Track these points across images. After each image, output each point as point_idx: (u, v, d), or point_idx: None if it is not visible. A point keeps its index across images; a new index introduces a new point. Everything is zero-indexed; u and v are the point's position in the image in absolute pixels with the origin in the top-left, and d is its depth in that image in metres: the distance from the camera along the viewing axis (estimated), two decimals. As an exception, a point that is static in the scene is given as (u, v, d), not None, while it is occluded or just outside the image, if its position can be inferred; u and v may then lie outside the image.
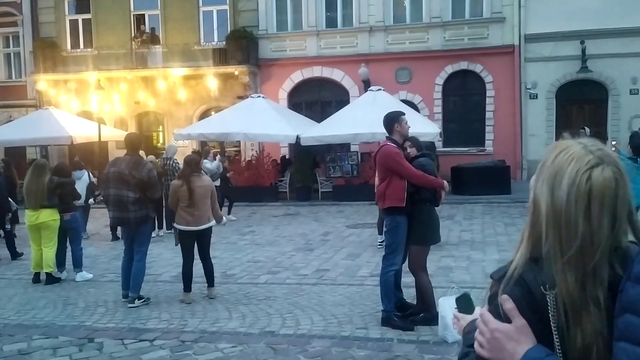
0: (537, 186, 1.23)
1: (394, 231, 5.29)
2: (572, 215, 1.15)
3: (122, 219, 6.37)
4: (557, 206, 1.18)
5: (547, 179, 1.21)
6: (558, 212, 1.17)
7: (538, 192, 1.22)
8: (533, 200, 1.24)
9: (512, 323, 1.16)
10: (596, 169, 1.16)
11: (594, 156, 1.18)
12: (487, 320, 1.20)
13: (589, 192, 1.15)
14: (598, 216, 1.15)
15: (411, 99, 18.05)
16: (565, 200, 1.16)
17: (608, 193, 1.15)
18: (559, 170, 1.19)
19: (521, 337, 1.15)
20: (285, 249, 9.43)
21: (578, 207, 1.15)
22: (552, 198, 1.19)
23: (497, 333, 1.17)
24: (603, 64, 16.83)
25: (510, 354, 1.14)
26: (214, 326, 5.55)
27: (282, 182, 16.94)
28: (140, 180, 6.22)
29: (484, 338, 1.20)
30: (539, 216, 1.21)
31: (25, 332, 5.55)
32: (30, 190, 7.47)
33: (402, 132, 5.41)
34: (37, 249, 7.61)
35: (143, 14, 20.44)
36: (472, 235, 10.15)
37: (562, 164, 1.20)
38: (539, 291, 1.16)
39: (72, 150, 19.56)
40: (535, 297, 1.16)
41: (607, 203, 1.15)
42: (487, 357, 1.19)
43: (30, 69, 20.66)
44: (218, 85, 19.02)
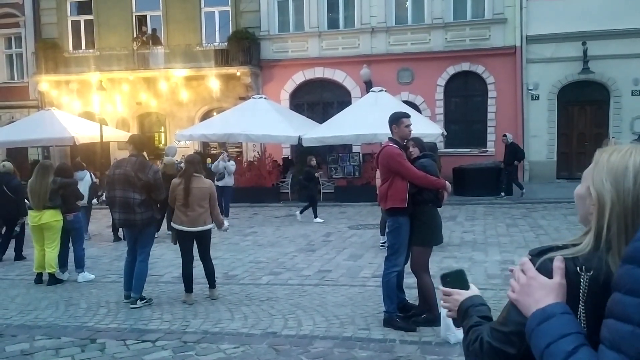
0: (597, 184, 1.27)
1: (396, 232, 5.29)
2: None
3: (129, 220, 6.34)
4: (622, 194, 1.23)
5: (608, 175, 1.26)
6: (625, 200, 1.23)
7: (600, 189, 1.26)
8: (597, 198, 1.27)
9: (554, 279, 1.22)
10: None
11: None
12: (528, 269, 1.27)
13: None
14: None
15: (413, 100, 18.05)
16: (632, 188, 1.22)
17: None
18: (619, 166, 1.25)
19: (553, 292, 1.22)
20: (287, 250, 9.43)
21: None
22: (618, 190, 1.24)
23: (534, 281, 1.24)
24: (605, 65, 16.82)
25: (536, 301, 1.22)
26: (216, 327, 5.55)
27: (284, 183, 16.95)
28: (146, 182, 6.22)
29: (518, 283, 1.28)
30: (604, 211, 1.25)
31: (27, 332, 5.55)
32: (34, 191, 7.48)
33: (400, 134, 5.40)
34: (40, 249, 7.62)
35: (145, 14, 20.49)
36: (474, 236, 10.14)
37: (620, 160, 1.26)
38: (573, 270, 1.23)
39: (74, 151, 19.60)
40: (569, 274, 1.23)
41: None
42: (514, 298, 1.27)
43: (33, 70, 20.71)
44: (220, 86, 19.04)
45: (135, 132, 18.19)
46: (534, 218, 11.85)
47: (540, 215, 12.07)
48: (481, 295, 1.52)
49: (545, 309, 1.19)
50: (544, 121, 17.61)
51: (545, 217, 11.78)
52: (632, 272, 1.09)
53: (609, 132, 16.75)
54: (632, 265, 1.09)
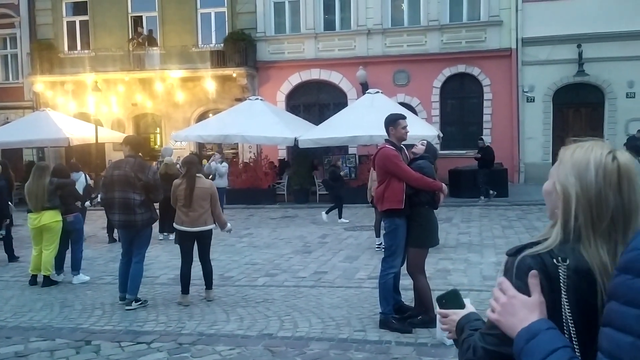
0: (562, 179, 1.33)
1: (393, 234, 5.29)
2: (603, 193, 1.27)
3: (129, 221, 6.31)
4: (586, 187, 1.28)
5: (572, 170, 1.31)
6: (588, 193, 1.28)
7: (565, 183, 1.32)
8: (562, 191, 1.33)
9: (532, 296, 1.25)
10: (617, 152, 1.32)
11: (607, 144, 1.34)
12: (507, 288, 1.29)
13: (618, 169, 1.27)
14: (628, 190, 1.27)
15: (409, 102, 18.08)
16: (595, 181, 1.28)
17: (632, 170, 1.29)
18: (582, 160, 1.31)
19: (536, 309, 1.24)
20: (283, 252, 9.42)
21: (608, 183, 1.27)
22: (582, 183, 1.29)
23: (514, 300, 1.26)
24: (600, 68, 16.89)
25: (520, 320, 1.24)
26: (212, 329, 5.54)
27: (280, 185, 16.94)
28: (146, 182, 6.23)
29: (498, 303, 1.29)
30: (569, 204, 1.30)
31: (22, 334, 5.52)
32: (31, 192, 7.45)
33: (397, 136, 5.41)
34: (38, 251, 7.58)
35: (141, 15, 20.44)
36: (470, 237, 10.16)
37: (583, 155, 1.32)
38: (551, 262, 1.27)
39: (69, 152, 19.53)
40: (548, 267, 1.27)
41: (633, 179, 1.29)
42: (496, 319, 1.29)
43: (28, 71, 20.63)
44: (216, 88, 19.01)
45: (130, 133, 18.18)
46: (530, 220, 11.88)
47: (536, 217, 12.10)
48: (476, 312, 1.54)
49: (531, 326, 1.21)
50: (540, 123, 17.66)
51: (541, 219, 11.81)
52: (629, 283, 1.10)
53: (604, 134, 16.81)
54: (629, 276, 1.10)
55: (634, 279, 1.09)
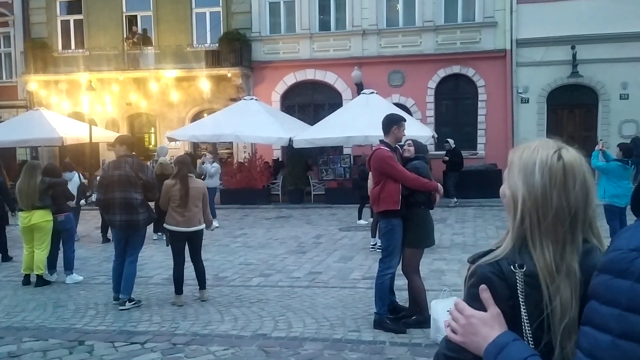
0: (511, 184, 1.34)
1: (390, 234, 5.30)
2: (548, 192, 1.27)
3: (131, 221, 6.28)
4: (533, 190, 1.29)
5: (519, 173, 1.32)
6: (534, 194, 1.28)
7: (513, 187, 1.33)
8: (510, 196, 1.34)
9: (488, 311, 1.25)
10: (563, 150, 1.31)
11: (555, 143, 1.34)
12: (463, 308, 1.29)
13: (563, 169, 1.28)
14: (574, 188, 1.28)
15: (404, 102, 18.10)
16: (540, 182, 1.28)
17: (578, 167, 1.29)
18: (528, 162, 1.31)
19: (495, 323, 1.24)
20: (277, 252, 9.41)
21: (553, 183, 1.27)
22: (528, 185, 1.30)
23: (473, 319, 1.26)
24: (593, 69, 16.97)
25: (484, 338, 1.23)
26: (206, 329, 5.53)
27: (275, 185, 16.92)
28: (146, 182, 6.24)
29: (458, 324, 1.29)
30: (516, 208, 1.31)
31: (14, 334, 5.49)
32: (22, 191, 7.41)
33: (397, 136, 5.42)
34: (29, 250, 7.54)
35: (135, 15, 20.36)
36: (464, 238, 10.19)
37: (530, 156, 1.32)
38: (508, 269, 1.27)
39: (62, 151, 19.46)
40: (505, 274, 1.27)
41: (579, 175, 1.29)
42: (460, 341, 1.28)
43: (21, 70, 20.52)
44: (211, 87, 18.98)
45: (125, 133, 18.10)
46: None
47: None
48: None
49: (496, 340, 1.21)
50: (534, 124, 17.71)
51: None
52: (608, 283, 1.10)
53: (598, 135, 16.88)
54: (609, 276, 1.11)
55: (613, 279, 1.09)
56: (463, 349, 1.29)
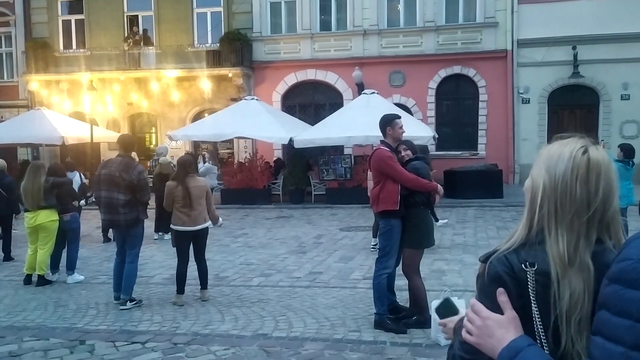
0: (534, 172, 1.35)
1: (388, 234, 5.30)
2: (569, 182, 1.28)
3: (113, 221, 6.33)
4: (555, 177, 1.30)
5: (544, 162, 1.33)
6: (555, 182, 1.29)
7: (536, 175, 1.34)
8: (531, 185, 1.35)
9: (505, 314, 1.25)
10: (591, 147, 1.32)
11: (585, 140, 1.34)
12: (479, 310, 1.29)
13: (587, 163, 1.28)
14: (595, 183, 1.28)
15: (405, 103, 18.11)
16: (563, 172, 1.29)
17: (603, 166, 1.29)
18: (554, 153, 1.32)
19: (511, 326, 1.24)
20: (278, 252, 9.42)
21: (576, 175, 1.28)
22: (550, 173, 1.31)
23: (489, 321, 1.26)
24: (595, 70, 16.97)
25: (499, 340, 1.23)
26: (207, 329, 5.53)
27: (275, 185, 16.92)
28: (129, 182, 6.18)
29: (473, 325, 1.29)
30: (536, 195, 1.32)
31: (15, 333, 5.50)
32: (27, 191, 7.42)
33: (394, 136, 5.42)
34: (34, 250, 7.55)
35: (136, 14, 20.39)
36: (465, 238, 10.18)
37: (557, 149, 1.33)
38: (519, 268, 1.27)
39: (64, 151, 19.48)
40: (516, 273, 1.27)
41: (604, 174, 1.29)
42: (474, 342, 1.28)
43: (23, 69, 20.56)
44: (211, 87, 19.00)
45: (126, 133, 18.11)
46: (524, 221, 11.89)
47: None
48: None
49: (511, 344, 1.21)
50: (535, 124, 17.72)
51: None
52: (619, 294, 1.09)
53: (598, 136, 16.89)
54: (619, 286, 1.10)
55: (623, 289, 1.08)
56: (478, 351, 1.28)
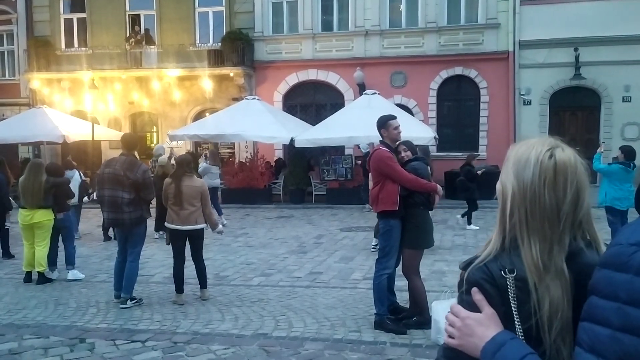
0: (503, 177, 1.34)
1: (387, 235, 5.30)
2: (537, 189, 1.27)
3: (117, 220, 6.33)
4: (523, 185, 1.28)
5: (512, 167, 1.32)
6: (524, 189, 1.28)
7: (504, 180, 1.33)
8: (501, 190, 1.34)
9: (483, 312, 1.26)
10: (557, 149, 1.30)
11: (552, 141, 1.33)
12: (458, 311, 1.30)
13: (554, 167, 1.27)
14: (563, 187, 1.27)
15: (406, 103, 18.10)
16: (531, 178, 1.28)
17: (570, 167, 1.29)
18: (521, 157, 1.31)
19: (490, 323, 1.25)
20: (278, 252, 9.42)
21: (543, 181, 1.27)
22: (518, 180, 1.30)
23: (468, 320, 1.27)
24: (596, 72, 16.95)
25: (480, 338, 1.24)
26: (207, 328, 5.54)
27: (276, 185, 16.93)
28: (134, 181, 6.19)
29: (454, 328, 1.29)
30: (506, 202, 1.31)
31: (16, 331, 5.51)
32: (27, 189, 7.42)
33: (390, 137, 5.42)
34: (30, 248, 7.57)
35: (138, 14, 20.41)
36: (465, 239, 10.18)
37: (524, 152, 1.32)
38: (499, 274, 1.26)
39: (65, 149, 19.46)
40: (496, 280, 1.27)
41: (571, 176, 1.28)
42: (457, 344, 1.28)
43: (24, 68, 20.57)
44: (213, 87, 19.00)
45: (127, 132, 18.12)
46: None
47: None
48: None
49: (495, 338, 1.21)
50: (536, 126, 17.69)
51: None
52: (608, 277, 1.10)
53: (600, 138, 16.87)
54: (609, 270, 1.10)
55: (612, 273, 1.09)
56: (459, 355, 1.28)
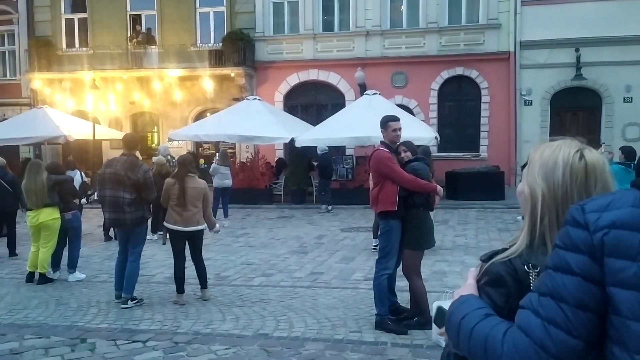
0: (530, 180, 1.34)
1: (387, 235, 5.31)
2: (569, 192, 1.28)
3: (118, 220, 6.34)
4: (553, 188, 1.29)
5: (540, 170, 1.32)
6: (555, 193, 1.29)
7: (533, 184, 1.34)
8: (530, 194, 1.34)
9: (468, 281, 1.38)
10: (585, 150, 1.32)
11: (577, 143, 1.35)
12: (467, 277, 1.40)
13: (585, 168, 1.28)
14: (594, 188, 1.29)
15: (407, 104, 18.10)
16: (561, 181, 1.29)
17: (599, 168, 1.31)
18: (549, 160, 1.32)
19: (469, 289, 1.36)
20: (279, 252, 9.42)
21: (574, 183, 1.28)
22: (548, 183, 1.30)
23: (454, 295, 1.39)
24: (597, 72, 16.94)
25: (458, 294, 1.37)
26: (208, 328, 5.54)
27: (277, 185, 16.93)
28: (135, 181, 6.19)
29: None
30: (536, 205, 1.32)
31: (17, 331, 5.51)
32: (30, 189, 7.42)
33: (388, 138, 5.43)
34: (36, 248, 7.57)
35: (139, 14, 20.43)
36: (466, 240, 10.18)
37: (551, 154, 1.32)
38: (522, 269, 1.30)
39: (66, 149, 19.49)
40: (519, 274, 1.30)
41: (601, 176, 1.30)
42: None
43: (25, 68, 20.59)
44: (214, 87, 19.01)
45: (128, 132, 18.14)
46: (526, 223, 11.88)
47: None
48: None
49: (462, 295, 1.34)
50: (537, 126, 17.69)
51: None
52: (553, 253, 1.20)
53: (601, 138, 16.86)
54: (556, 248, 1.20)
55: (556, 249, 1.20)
56: None
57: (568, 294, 1.13)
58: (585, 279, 1.13)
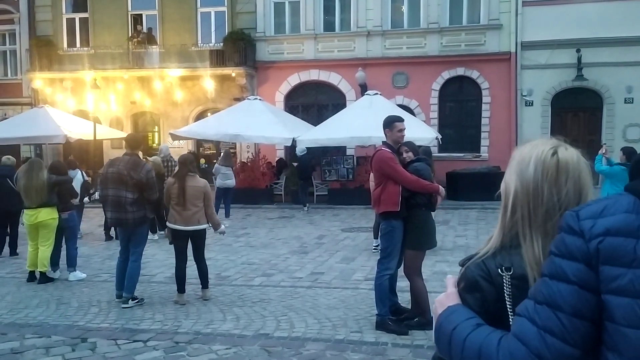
0: (506, 177, 1.38)
1: (389, 235, 5.30)
2: (540, 186, 1.30)
3: (120, 219, 6.34)
4: (525, 182, 1.32)
5: (515, 167, 1.36)
6: (527, 187, 1.32)
7: (508, 180, 1.37)
8: (504, 189, 1.37)
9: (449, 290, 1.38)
10: (560, 148, 1.34)
11: (555, 141, 1.37)
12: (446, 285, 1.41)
13: (557, 164, 1.30)
14: (566, 185, 1.31)
15: (407, 104, 18.09)
16: (533, 176, 1.31)
17: (572, 165, 1.32)
18: (525, 157, 1.35)
19: (448, 300, 1.36)
20: (280, 252, 9.42)
21: (545, 178, 1.30)
22: (521, 178, 1.33)
23: (436, 303, 1.40)
24: (598, 73, 16.93)
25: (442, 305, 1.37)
26: (208, 328, 5.54)
27: (277, 185, 16.93)
28: (138, 181, 6.21)
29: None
30: (508, 200, 1.35)
31: (17, 331, 5.52)
32: (29, 187, 7.43)
33: (392, 138, 5.42)
34: (34, 248, 7.58)
35: (140, 14, 20.42)
36: (467, 240, 10.18)
37: (527, 152, 1.35)
38: (496, 272, 1.31)
39: (66, 149, 19.49)
40: (493, 278, 1.31)
41: (573, 173, 1.31)
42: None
43: (26, 67, 20.60)
44: (215, 87, 19.01)
45: (129, 131, 18.17)
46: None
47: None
48: None
49: (450, 306, 1.34)
50: (538, 127, 17.67)
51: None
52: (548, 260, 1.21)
53: (602, 139, 16.84)
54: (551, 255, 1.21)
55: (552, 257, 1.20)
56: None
57: (564, 302, 1.14)
58: (581, 287, 1.14)
